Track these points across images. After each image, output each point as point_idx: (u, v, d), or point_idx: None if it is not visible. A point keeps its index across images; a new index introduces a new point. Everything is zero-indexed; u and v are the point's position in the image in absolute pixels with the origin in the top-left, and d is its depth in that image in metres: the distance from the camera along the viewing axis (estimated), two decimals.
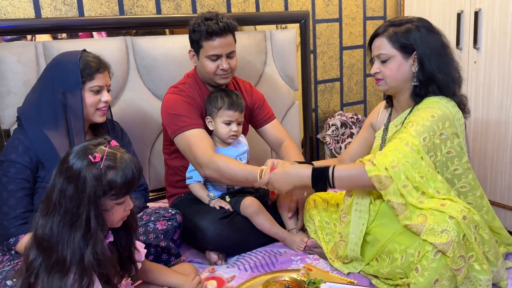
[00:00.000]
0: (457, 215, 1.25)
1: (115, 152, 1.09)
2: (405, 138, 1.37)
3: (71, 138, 1.51)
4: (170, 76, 2.06)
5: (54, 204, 1.05)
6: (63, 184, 1.05)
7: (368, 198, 1.45)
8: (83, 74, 1.51)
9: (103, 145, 1.10)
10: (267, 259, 1.59)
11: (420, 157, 1.34)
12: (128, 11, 2.11)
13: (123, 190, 1.10)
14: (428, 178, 1.34)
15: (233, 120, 1.76)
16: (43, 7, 1.93)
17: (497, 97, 2.28)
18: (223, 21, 1.69)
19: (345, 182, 1.42)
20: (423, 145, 1.35)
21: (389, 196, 1.32)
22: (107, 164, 1.06)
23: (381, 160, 1.34)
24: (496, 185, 2.35)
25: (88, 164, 1.05)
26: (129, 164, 1.09)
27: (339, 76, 2.82)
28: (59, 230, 1.04)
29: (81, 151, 1.07)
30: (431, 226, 1.26)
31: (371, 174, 1.33)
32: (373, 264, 1.45)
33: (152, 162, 2.16)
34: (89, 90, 1.53)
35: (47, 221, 1.06)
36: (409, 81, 1.48)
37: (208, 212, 1.69)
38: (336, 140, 2.66)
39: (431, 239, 1.24)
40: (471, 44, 2.33)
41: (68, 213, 1.04)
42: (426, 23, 1.49)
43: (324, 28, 2.69)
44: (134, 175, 1.10)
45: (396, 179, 1.31)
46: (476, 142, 2.41)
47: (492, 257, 1.33)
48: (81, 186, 1.04)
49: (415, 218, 1.30)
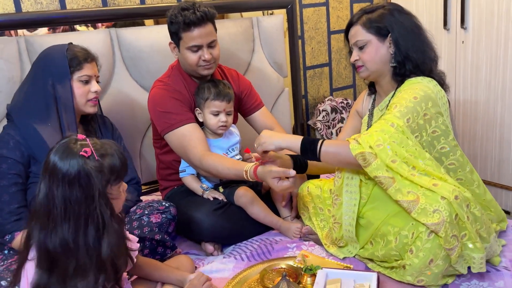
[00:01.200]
0: (449, 195, 1.26)
1: (96, 141, 1.09)
2: (390, 119, 1.39)
3: (63, 130, 1.50)
4: (156, 66, 2.03)
5: (59, 215, 1.02)
6: (65, 192, 1.02)
7: (358, 178, 1.47)
8: (71, 64, 1.51)
9: (80, 141, 1.07)
10: (263, 247, 1.60)
11: (406, 137, 1.36)
12: (111, 2, 2.06)
13: (123, 171, 1.10)
14: (417, 156, 1.36)
15: (221, 111, 1.74)
16: (23, 1, 1.88)
17: (485, 77, 2.29)
18: (200, 10, 1.65)
19: (330, 157, 1.45)
20: (408, 125, 1.37)
21: (374, 172, 1.33)
22: (99, 154, 1.05)
23: (366, 139, 1.36)
24: (486, 164, 2.38)
25: (84, 161, 1.03)
26: (113, 146, 1.10)
27: (328, 61, 2.80)
28: (73, 237, 1.02)
29: (66, 153, 1.04)
30: (423, 205, 1.27)
31: (355, 152, 1.35)
32: (368, 247, 1.46)
33: (143, 154, 2.14)
34: (78, 80, 1.53)
35: (56, 233, 1.02)
36: (387, 63, 1.51)
37: (202, 203, 1.68)
38: (327, 125, 2.66)
39: (422, 219, 1.26)
40: (459, 24, 2.33)
41: (80, 216, 1.02)
42: (398, 6, 1.55)
43: (311, 13, 2.67)
44: (123, 154, 1.11)
45: (383, 155, 1.33)
46: (466, 123, 2.43)
47: (485, 233, 1.35)
48: (88, 185, 1.02)
49: (405, 194, 1.31)
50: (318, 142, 1.45)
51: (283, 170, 1.48)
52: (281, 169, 1.49)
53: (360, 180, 1.48)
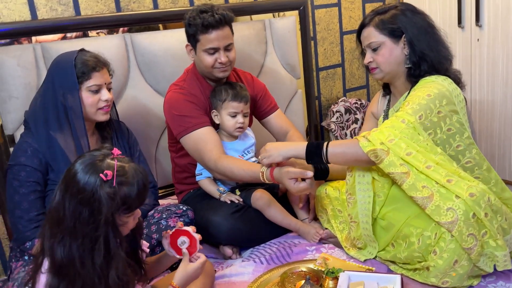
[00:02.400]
0: (462, 194, 1.24)
1: (123, 165, 1.05)
2: (401, 115, 1.38)
3: (76, 139, 1.50)
4: (171, 71, 2.03)
5: (69, 228, 1.01)
6: (76, 207, 1.00)
7: (370, 175, 1.46)
8: (79, 74, 1.49)
9: (109, 158, 1.05)
10: (282, 250, 1.59)
11: (417, 133, 1.35)
12: (125, 8, 2.07)
13: (137, 203, 1.08)
14: (428, 150, 1.34)
15: (239, 112, 1.73)
16: (38, 8, 1.89)
17: (502, 75, 2.26)
18: (218, 13, 1.66)
19: (338, 157, 1.44)
20: (420, 122, 1.36)
21: (387, 168, 1.32)
22: (119, 180, 1.02)
23: (376, 136, 1.36)
24: (505, 163, 2.34)
25: (101, 184, 1.00)
26: (139, 175, 1.06)
27: (341, 61, 2.79)
28: (80, 254, 1.00)
29: (90, 168, 1.02)
30: (437, 203, 1.26)
31: (366, 149, 1.34)
32: (389, 249, 1.44)
33: (158, 159, 2.14)
34: (87, 89, 1.51)
35: (64, 246, 1.01)
36: (402, 64, 1.51)
37: (219, 207, 1.68)
38: (341, 126, 2.64)
39: (436, 218, 1.25)
40: (473, 22, 2.30)
41: (87, 237, 1.00)
42: (410, 6, 1.54)
43: (323, 14, 2.65)
44: (145, 185, 1.07)
45: (397, 149, 1.32)
46: (482, 121, 2.39)
47: (506, 225, 1.32)
48: (97, 208, 1.00)
49: (420, 189, 1.29)
50: (323, 144, 1.44)
51: (300, 171, 1.48)
52: (298, 170, 1.48)
53: (373, 178, 1.46)
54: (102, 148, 1.09)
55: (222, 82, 1.81)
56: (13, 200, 1.48)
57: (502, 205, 1.32)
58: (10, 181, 1.49)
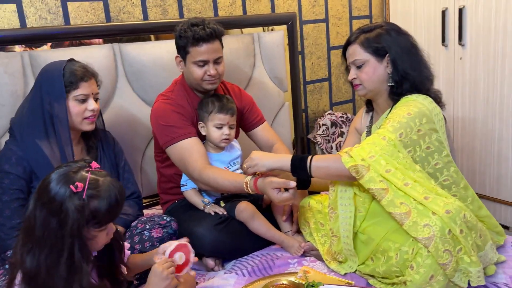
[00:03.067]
0: (438, 210, 1.28)
1: (97, 178, 1.04)
2: (382, 133, 1.42)
3: (60, 147, 1.50)
4: (159, 81, 2.05)
5: (38, 238, 1.00)
6: (46, 217, 1.00)
7: (351, 190, 1.49)
8: (67, 83, 1.50)
9: (85, 170, 1.05)
10: (264, 263, 1.60)
11: (397, 150, 1.39)
12: (114, 18, 2.09)
13: (107, 218, 1.06)
14: (407, 167, 1.38)
15: (225, 124, 1.76)
16: (28, 17, 1.90)
17: (483, 92, 2.32)
18: (209, 27, 1.69)
19: (322, 171, 1.47)
20: (400, 140, 1.40)
21: (367, 184, 1.36)
22: (90, 193, 1.01)
23: (358, 152, 1.39)
24: (485, 179, 2.40)
25: (70, 195, 0.99)
26: (113, 190, 1.04)
27: (328, 76, 2.83)
28: (47, 264, 1.00)
29: (62, 179, 1.01)
30: (414, 219, 1.29)
31: (348, 165, 1.37)
32: (368, 263, 1.46)
33: (144, 168, 2.15)
34: (74, 99, 1.52)
35: (33, 256, 1.00)
36: (385, 82, 1.54)
37: (203, 218, 1.69)
38: (327, 139, 2.67)
39: (413, 233, 1.28)
40: (456, 41, 2.37)
41: (54, 247, 1.00)
42: (395, 26, 1.58)
43: (311, 29, 2.70)
44: (118, 201, 1.05)
45: (377, 165, 1.35)
46: (464, 138, 2.45)
47: (479, 242, 1.35)
48: (63, 219, 0.99)
49: (398, 205, 1.33)
50: (307, 158, 1.47)
51: (284, 181, 1.50)
52: (282, 180, 1.50)
53: (355, 193, 1.49)
54: (81, 160, 1.08)
55: (210, 94, 1.83)
56: None
57: (477, 222, 1.36)
58: None
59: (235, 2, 2.40)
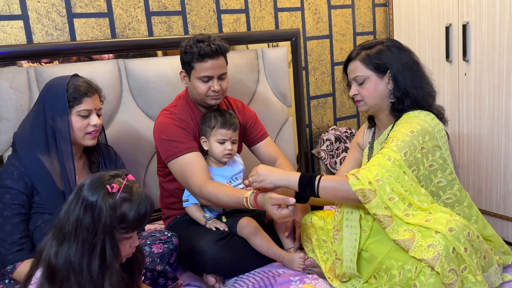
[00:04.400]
0: (442, 229, 1.26)
1: (131, 185, 1.10)
2: (387, 153, 1.40)
3: (61, 162, 1.51)
4: (163, 97, 2.06)
5: (69, 233, 1.04)
6: (79, 213, 1.04)
7: (358, 212, 1.46)
8: (71, 99, 1.52)
9: (121, 178, 1.10)
10: (265, 280, 1.58)
11: (402, 171, 1.37)
12: (120, 34, 2.12)
13: (134, 225, 1.09)
14: (412, 191, 1.36)
15: (227, 139, 1.76)
16: (34, 33, 1.94)
17: (488, 108, 2.30)
18: (215, 43, 1.71)
19: (329, 193, 1.44)
20: (405, 159, 1.38)
21: (373, 209, 1.34)
22: (123, 196, 1.07)
23: (365, 174, 1.37)
24: (492, 196, 2.36)
25: (105, 194, 1.05)
26: (144, 199, 1.10)
27: (332, 91, 2.84)
28: (77, 260, 1.03)
29: (97, 181, 1.08)
30: (419, 242, 1.27)
31: (355, 188, 1.36)
32: (371, 282, 1.43)
33: (147, 183, 2.14)
34: (77, 114, 1.53)
35: (63, 250, 1.04)
36: (386, 98, 1.54)
37: (204, 234, 1.67)
38: (331, 155, 2.66)
39: (418, 255, 1.26)
40: (461, 57, 2.37)
41: (86, 242, 1.03)
42: (396, 42, 1.57)
43: (315, 45, 2.72)
44: (147, 211, 1.10)
45: (381, 192, 1.34)
46: (470, 154, 2.42)
47: (483, 263, 1.33)
48: (97, 216, 1.04)
49: (402, 233, 1.31)
50: (315, 178, 1.45)
51: (283, 197, 1.48)
52: (281, 197, 1.48)
53: (360, 215, 1.47)
54: (119, 170, 1.14)
55: (213, 109, 1.84)
56: None
57: (482, 242, 1.33)
58: None
59: (239, 18, 2.43)
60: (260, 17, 2.49)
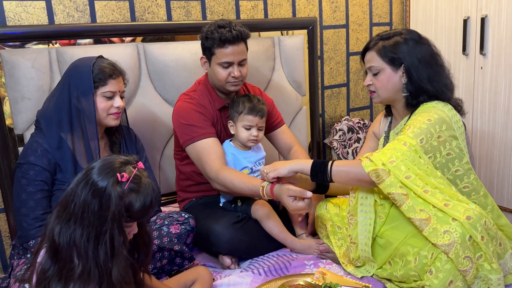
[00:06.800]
0: (459, 216, 1.27)
1: (140, 175, 1.09)
2: (403, 139, 1.41)
3: (86, 141, 1.53)
4: (180, 81, 2.08)
5: (76, 214, 1.03)
6: (87, 197, 1.03)
7: (372, 197, 1.48)
8: (96, 80, 1.53)
9: (132, 166, 1.09)
10: (280, 263, 1.61)
11: (418, 156, 1.38)
12: (139, 18, 2.13)
13: (137, 215, 1.09)
14: (428, 173, 1.37)
15: (253, 125, 1.77)
16: (56, 14, 1.95)
17: (503, 103, 2.30)
18: (236, 29, 1.71)
19: (342, 176, 1.46)
20: (421, 146, 1.39)
21: (387, 188, 1.35)
22: (131, 187, 1.05)
23: (378, 157, 1.38)
24: (503, 190, 2.37)
25: (114, 182, 1.04)
26: (151, 192, 1.08)
27: (346, 81, 2.84)
28: (82, 244, 1.02)
29: (108, 167, 1.06)
30: (434, 225, 1.29)
31: (368, 169, 1.37)
32: (386, 267, 1.46)
33: (162, 166, 2.17)
34: (102, 95, 1.55)
35: (67, 229, 1.03)
36: (400, 92, 1.54)
37: (221, 216, 1.70)
38: (343, 145, 2.67)
39: (433, 239, 1.27)
40: (478, 50, 2.36)
41: (92, 228, 1.02)
42: (414, 34, 1.54)
43: (331, 34, 2.72)
44: (152, 204, 1.09)
45: (397, 171, 1.35)
46: (483, 148, 2.43)
47: (499, 250, 1.34)
48: (106, 204, 1.02)
49: (418, 212, 1.32)
50: (328, 162, 1.47)
51: (300, 190, 1.49)
52: (298, 189, 1.50)
53: (375, 200, 1.49)
54: (130, 156, 1.12)
55: (231, 95, 1.85)
56: (19, 198, 1.51)
57: (497, 230, 1.35)
58: (18, 179, 1.52)
59: (257, 5, 2.43)
60: (278, 4, 2.49)
